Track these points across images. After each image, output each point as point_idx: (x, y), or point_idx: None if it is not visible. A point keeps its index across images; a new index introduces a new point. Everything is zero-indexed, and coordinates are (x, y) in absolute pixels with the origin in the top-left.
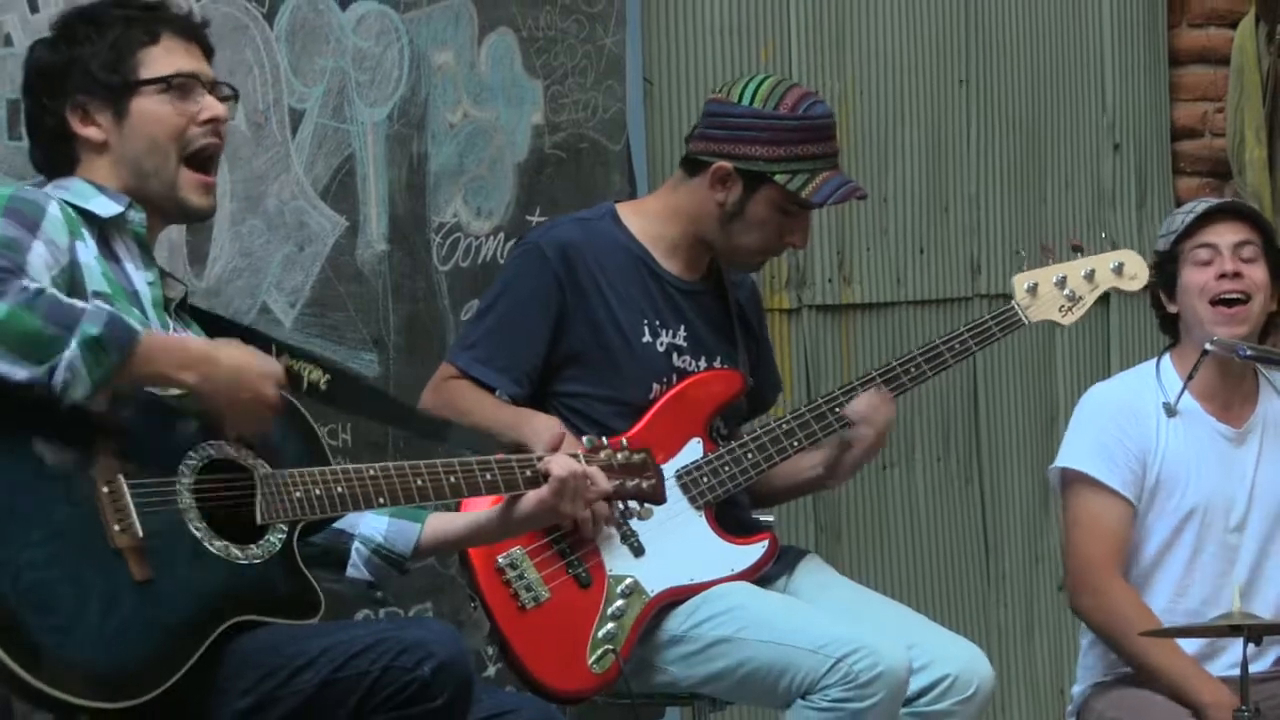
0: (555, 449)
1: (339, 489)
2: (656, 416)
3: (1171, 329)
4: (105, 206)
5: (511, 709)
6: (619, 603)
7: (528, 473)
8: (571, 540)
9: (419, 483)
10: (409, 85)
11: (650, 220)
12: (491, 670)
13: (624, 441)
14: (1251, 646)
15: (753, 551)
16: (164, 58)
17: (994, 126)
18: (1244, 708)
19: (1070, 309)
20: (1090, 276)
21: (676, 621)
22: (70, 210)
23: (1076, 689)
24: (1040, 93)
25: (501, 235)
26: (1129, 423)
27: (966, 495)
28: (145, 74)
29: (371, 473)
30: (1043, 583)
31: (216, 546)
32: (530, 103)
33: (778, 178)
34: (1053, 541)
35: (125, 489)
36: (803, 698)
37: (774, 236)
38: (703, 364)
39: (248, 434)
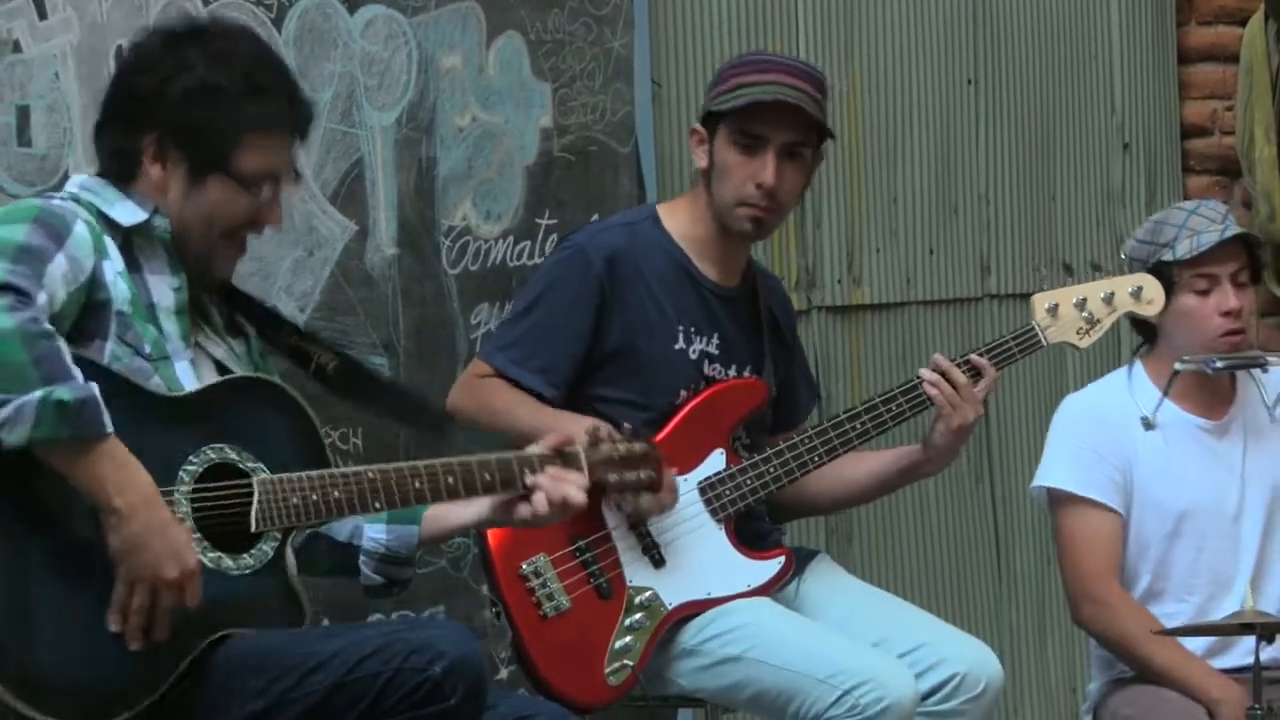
0: (560, 446)
1: (336, 493)
2: (680, 426)
3: (1147, 332)
4: (128, 214)
5: (528, 715)
6: (637, 615)
7: (527, 473)
8: (595, 549)
9: (417, 485)
10: (417, 89)
11: (683, 221)
12: (504, 673)
13: (627, 427)
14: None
15: (769, 567)
16: (260, 153)
17: (1003, 126)
18: (1256, 706)
19: (1088, 332)
20: (1109, 299)
21: (689, 634)
22: (95, 226)
23: (1092, 686)
24: (1049, 92)
25: (510, 238)
26: (1106, 433)
27: (977, 495)
28: (236, 164)
29: (370, 475)
30: (1055, 583)
31: (209, 558)
32: (538, 106)
33: (715, 106)
34: None
35: None
36: None
37: (743, 179)
38: (732, 372)
39: (136, 603)
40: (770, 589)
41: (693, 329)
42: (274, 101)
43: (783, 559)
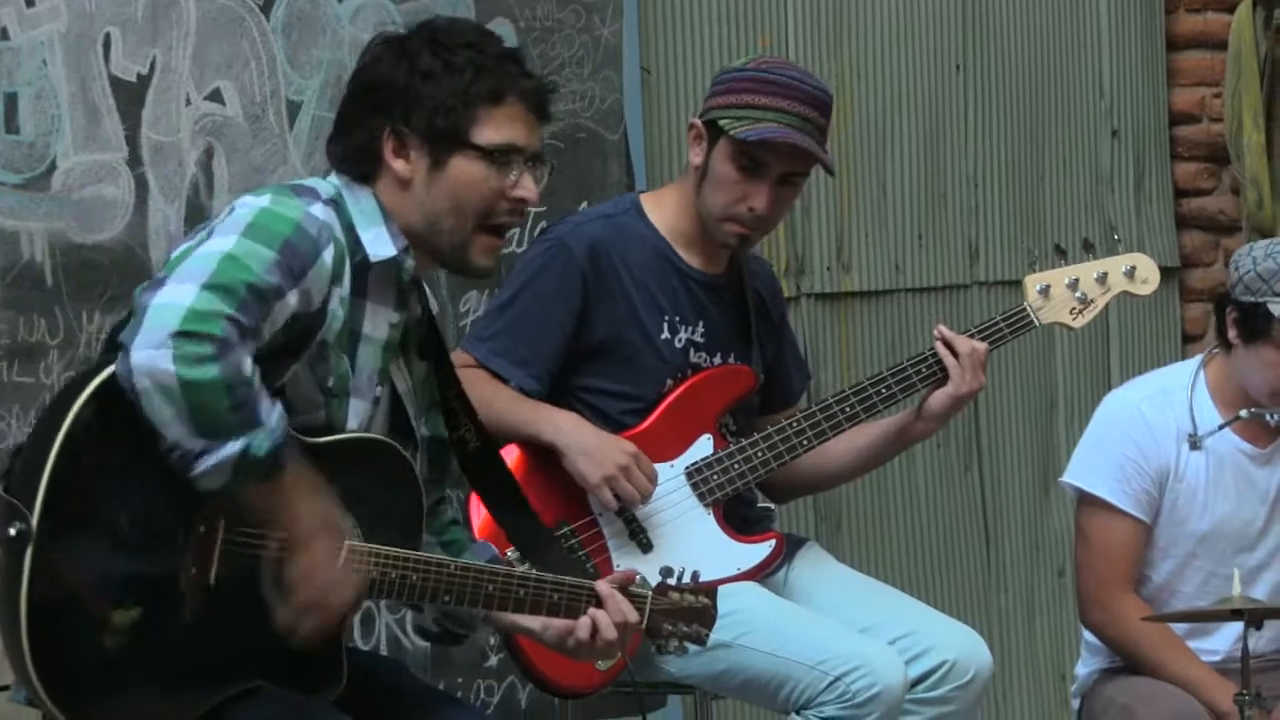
0: (626, 583)
1: (414, 577)
2: (666, 412)
3: (1224, 339)
4: (381, 245)
5: None
6: None
7: (590, 606)
8: (580, 535)
9: (489, 589)
10: None
11: (668, 212)
12: (494, 660)
13: (699, 576)
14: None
15: (759, 550)
16: (500, 124)
17: (992, 113)
18: (1244, 692)
19: (1081, 312)
20: (1102, 279)
21: None
22: (342, 249)
23: (1082, 670)
24: (1038, 78)
25: None
26: (1148, 442)
27: (966, 483)
28: (477, 137)
29: (450, 569)
30: (1043, 569)
31: (275, 610)
32: None
33: (722, 122)
34: (1053, 527)
35: (220, 535)
36: (798, 711)
37: (736, 197)
38: (718, 360)
39: (304, 627)
40: (761, 572)
41: (677, 318)
42: (505, 75)
43: (773, 542)
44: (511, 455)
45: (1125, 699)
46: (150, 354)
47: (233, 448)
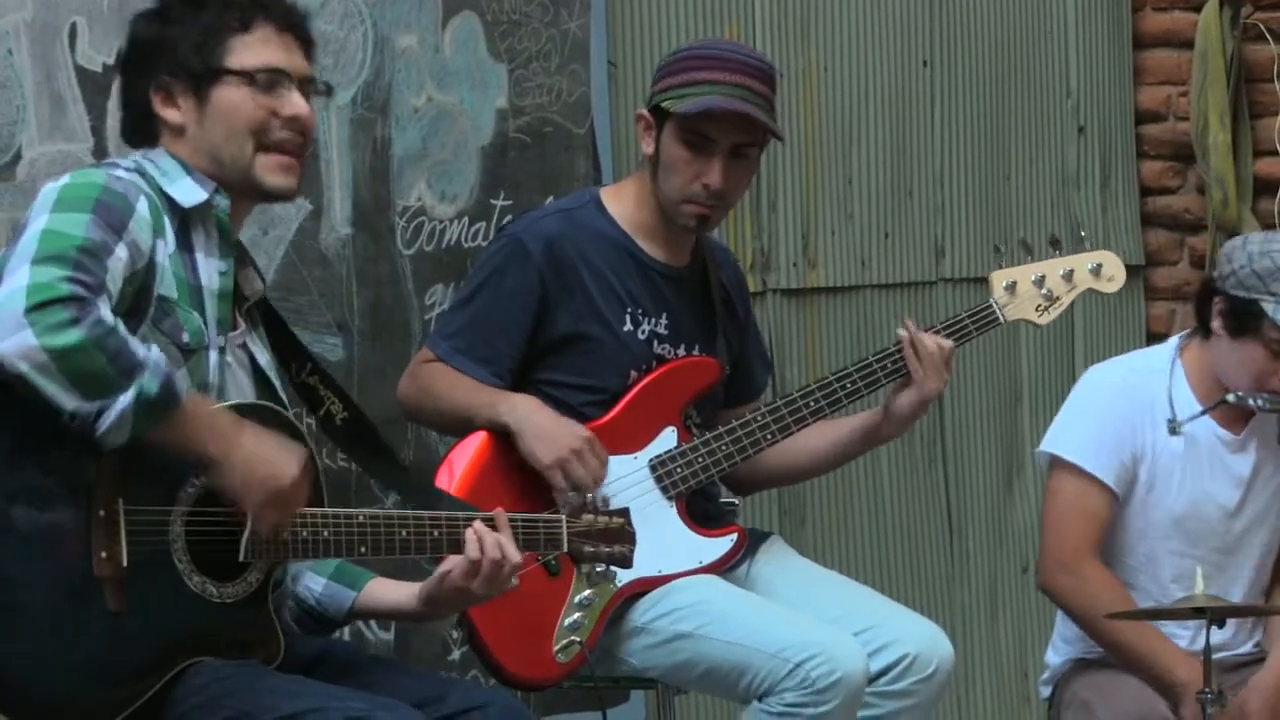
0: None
1: (326, 533)
2: (630, 405)
3: (1204, 325)
4: (189, 193)
5: (480, 705)
6: (586, 592)
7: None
8: None
9: (403, 534)
10: (373, 69)
11: (628, 204)
12: (456, 654)
13: (607, 500)
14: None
15: (721, 544)
16: (254, 48)
17: (958, 110)
18: (1207, 690)
19: (1047, 309)
20: (1069, 277)
21: (640, 612)
22: (156, 203)
23: (1055, 659)
24: (1004, 75)
25: (465, 219)
26: (1134, 418)
27: (930, 477)
28: (231, 63)
29: (360, 520)
30: (1007, 563)
31: (194, 582)
32: (494, 86)
33: (665, 103)
34: (1017, 522)
35: (121, 515)
36: (760, 699)
37: (689, 177)
38: (682, 351)
39: (269, 526)
40: (723, 565)
41: (639, 310)
42: (251, 3)
43: (735, 536)
44: (475, 446)
45: (1086, 694)
46: (12, 340)
47: (125, 398)
